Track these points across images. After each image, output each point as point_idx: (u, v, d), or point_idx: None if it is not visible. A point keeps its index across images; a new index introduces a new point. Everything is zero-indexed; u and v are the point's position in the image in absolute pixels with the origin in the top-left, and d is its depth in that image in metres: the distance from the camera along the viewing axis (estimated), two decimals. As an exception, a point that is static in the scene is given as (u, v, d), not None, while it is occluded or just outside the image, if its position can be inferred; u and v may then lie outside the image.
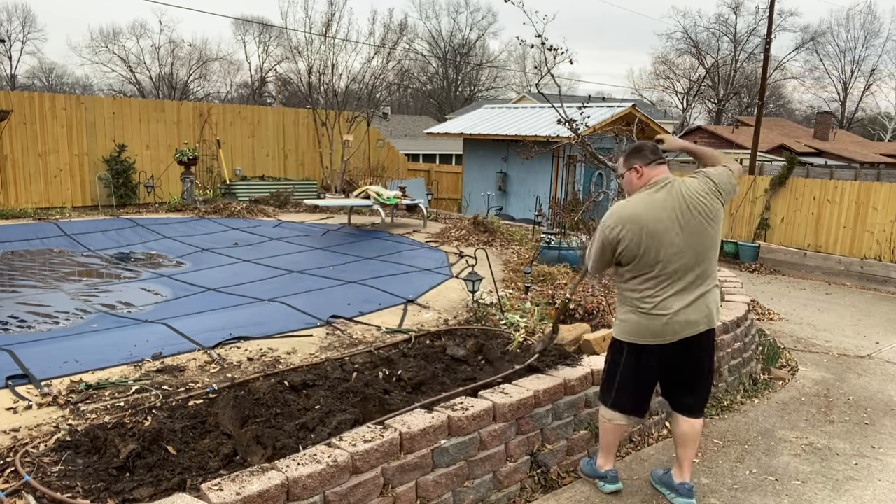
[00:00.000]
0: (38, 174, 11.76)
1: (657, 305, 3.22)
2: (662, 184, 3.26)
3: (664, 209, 3.19)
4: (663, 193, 3.23)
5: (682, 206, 3.21)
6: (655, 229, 3.17)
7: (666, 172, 3.33)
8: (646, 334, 3.28)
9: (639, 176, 3.33)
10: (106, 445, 3.01)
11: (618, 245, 3.24)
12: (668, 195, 3.23)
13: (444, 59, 57.46)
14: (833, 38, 59.26)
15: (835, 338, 7.44)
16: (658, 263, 3.19)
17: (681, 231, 3.17)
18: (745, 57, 48.17)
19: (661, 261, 3.19)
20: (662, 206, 3.20)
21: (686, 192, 3.24)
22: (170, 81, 52.01)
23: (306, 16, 20.78)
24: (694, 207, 3.21)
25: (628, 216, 3.23)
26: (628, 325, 3.34)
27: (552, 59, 7.35)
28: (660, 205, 3.21)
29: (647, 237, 3.17)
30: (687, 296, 3.22)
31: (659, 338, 3.26)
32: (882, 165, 27.74)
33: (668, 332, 3.24)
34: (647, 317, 3.26)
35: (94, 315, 5.75)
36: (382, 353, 4.52)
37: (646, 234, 3.17)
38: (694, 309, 3.23)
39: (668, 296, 3.21)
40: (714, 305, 3.32)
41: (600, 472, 3.62)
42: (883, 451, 4.41)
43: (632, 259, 3.24)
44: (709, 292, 3.30)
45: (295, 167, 15.22)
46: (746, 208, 13.05)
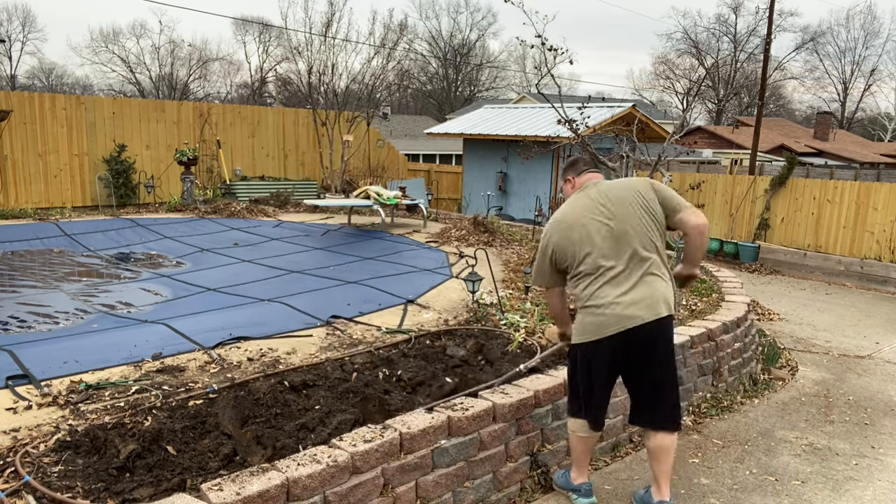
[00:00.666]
0: (38, 174, 11.77)
1: (593, 297, 3.19)
2: (585, 187, 3.39)
3: (585, 206, 3.29)
4: (585, 192, 3.36)
5: (602, 198, 3.27)
6: (577, 225, 3.25)
7: (593, 177, 3.44)
8: (590, 330, 3.22)
9: (571, 186, 3.49)
10: (106, 445, 3.01)
11: (551, 250, 3.34)
12: (587, 193, 3.34)
13: (444, 59, 57.46)
14: (833, 39, 59.37)
15: (835, 338, 7.44)
16: (586, 257, 3.21)
17: (603, 221, 3.21)
18: (745, 57, 48.20)
19: (589, 253, 3.21)
20: (584, 203, 3.30)
21: (608, 186, 3.34)
22: (170, 81, 52.01)
23: (306, 16, 20.82)
24: (615, 196, 3.27)
25: (555, 221, 3.37)
26: (578, 326, 3.30)
27: (552, 59, 7.36)
28: (581, 203, 3.32)
29: (572, 234, 3.25)
30: (622, 284, 3.15)
31: (602, 330, 3.16)
32: (882, 165, 27.74)
33: (610, 323, 3.13)
34: (588, 312, 3.22)
35: (94, 315, 5.76)
36: (382, 353, 4.52)
37: (570, 231, 3.26)
38: (633, 296, 3.13)
39: (602, 285, 3.18)
40: (660, 294, 3.17)
41: (573, 485, 3.53)
42: (883, 451, 4.41)
43: (563, 260, 3.30)
44: (648, 279, 3.17)
45: (295, 167, 15.22)
46: (746, 208, 13.05)
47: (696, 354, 4.90)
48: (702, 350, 4.96)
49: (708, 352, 5.03)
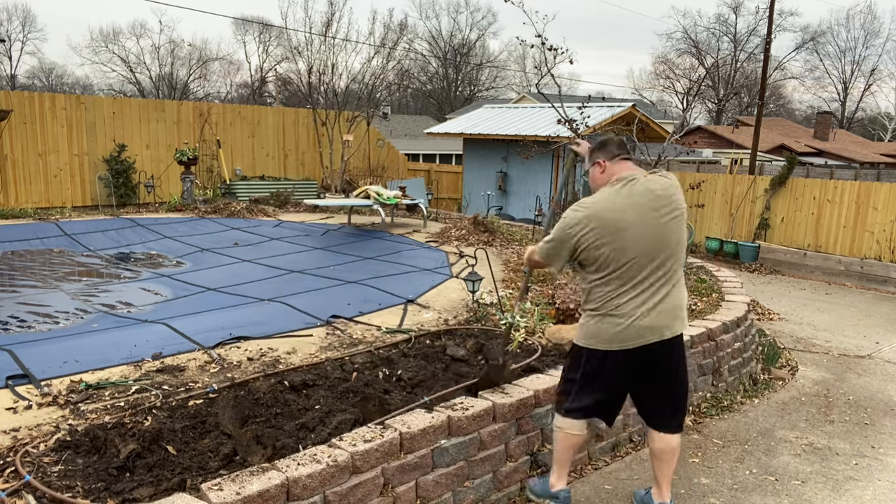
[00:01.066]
0: (38, 174, 11.77)
1: (619, 307, 3.03)
2: (627, 180, 3.10)
3: (627, 206, 3.02)
4: (627, 190, 3.07)
5: (646, 203, 3.04)
6: (617, 227, 3.00)
7: (631, 169, 3.16)
8: (607, 339, 3.06)
9: (601, 171, 3.19)
10: (106, 445, 3.01)
11: (578, 244, 3.06)
12: (632, 192, 3.06)
13: (444, 59, 57.47)
14: (833, 38, 59.31)
15: (835, 338, 7.45)
16: (620, 263, 3.01)
17: (645, 229, 3.00)
18: (745, 57, 48.21)
19: (624, 260, 3.00)
20: (626, 203, 3.03)
21: (651, 188, 3.08)
22: (170, 81, 52.01)
23: (306, 16, 20.83)
24: (659, 203, 3.05)
25: (591, 214, 3.05)
26: (588, 328, 3.15)
27: (552, 59, 7.36)
28: (623, 202, 3.04)
29: (609, 236, 3.00)
30: (651, 298, 3.02)
31: (621, 343, 3.04)
32: (882, 165, 27.74)
33: (631, 336, 3.02)
34: (608, 320, 3.06)
35: (94, 315, 5.76)
36: (382, 353, 4.52)
37: (608, 232, 3.00)
38: (659, 312, 3.03)
39: (631, 297, 3.02)
40: (681, 308, 3.14)
41: (551, 492, 3.34)
42: (883, 451, 4.41)
43: (593, 259, 3.06)
44: (674, 293, 3.10)
45: (295, 167, 15.22)
46: (746, 208, 13.05)
47: (697, 354, 4.90)
48: (702, 350, 4.96)
49: (708, 352, 5.04)
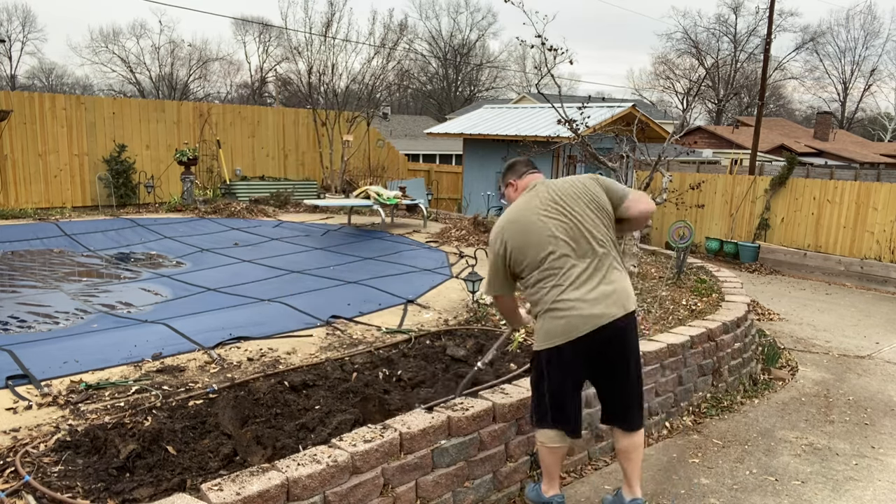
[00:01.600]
0: (38, 174, 11.77)
1: (556, 301, 3.06)
2: (533, 185, 3.27)
3: (537, 206, 3.16)
4: (534, 192, 3.23)
5: (553, 196, 3.16)
6: (532, 225, 3.11)
7: (536, 178, 3.32)
8: (555, 334, 3.07)
9: (514, 189, 3.36)
10: (106, 445, 3.01)
11: (505, 254, 3.17)
12: (536, 192, 3.22)
13: (444, 59, 57.46)
14: (833, 39, 59.35)
15: (835, 338, 7.44)
16: (547, 258, 3.08)
17: (559, 219, 3.10)
18: (745, 57, 48.20)
19: (550, 254, 3.07)
20: (531, 202, 3.18)
21: (556, 184, 3.22)
22: (170, 81, 52.00)
23: (306, 16, 20.83)
24: (566, 194, 3.16)
25: (504, 223, 3.21)
26: (541, 331, 3.15)
27: (552, 59, 7.36)
28: (528, 203, 3.19)
29: (529, 236, 3.11)
30: (587, 283, 3.05)
31: (569, 334, 3.04)
32: (882, 165, 27.74)
33: (575, 325, 3.02)
34: (551, 316, 3.08)
35: (94, 315, 5.75)
36: (382, 353, 4.52)
37: (526, 233, 3.11)
38: (596, 297, 3.03)
39: (567, 286, 3.05)
40: (622, 291, 3.11)
41: (545, 498, 3.38)
42: (883, 452, 4.41)
43: (521, 263, 3.15)
44: (610, 275, 3.10)
45: (295, 167, 15.22)
46: (746, 208, 13.05)
47: (696, 354, 4.90)
48: (702, 350, 4.96)
49: (708, 352, 5.03)
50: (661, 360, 4.56)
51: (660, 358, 4.55)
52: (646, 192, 7.76)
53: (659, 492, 3.73)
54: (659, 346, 4.57)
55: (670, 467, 4.02)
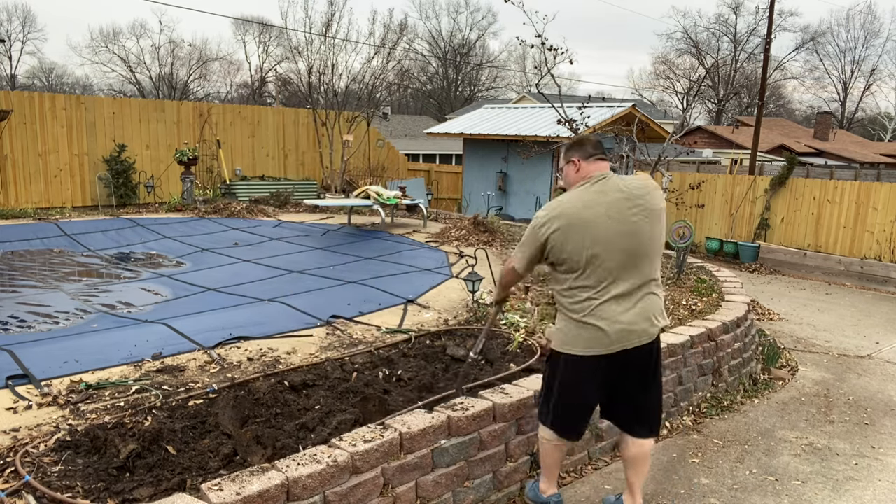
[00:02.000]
0: (38, 174, 11.77)
1: (593, 311, 2.90)
2: (598, 178, 3.01)
3: (599, 205, 2.92)
4: (598, 187, 2.97)
5: (619, 202, 2.93)
6: (588, 227, 2.88)
7: (605, 169, 3.06)
8: (584, 344, 2.94)
9: (576, 170, 3.08)
10: (106, 445, 3.01)
11: (546, 242, 2.96)
12: (603, 190, 2.96)
13: (444, 59, 57.46)
14: (833, 38, 59.36)
15: (835, 338, 7.45)
16: (592, 264, 2.89)
17: (618, 229, 2.89)
18: (745, 57, 48.20)
19: (596, 261, 2.88)
20: (597, 201, 2.93)
21: (624, 187, 2.97)
22: (170, 81, 52.00)
23: (306, 16, 20.84)
24: (633, 203, 2.94)
25: (560, 212, 2.95)
26: (564, 334, 3.01)
27: (552, 59, 7.37)
28: (594, 200, 2.93)
29: (580, 235, 2.88)
30: (626, 301, 2.92)
31: (598, 347, 2.92)
32: (882, 165, 27.74)
33: (608, 340, 2.91)
34: (583, 324, 2.93)
35: (94, 315, 5.75)
36: (382, 353, 4.52)
37: (578, 231, 2.89)
38: (635, 315, 2.93)
39: (606, 300, 2.90)
40: (658, 312, 3.04)
41: (543, 498, 3.33)
42: (883, 451, 4.41)
43: (563, 259, 2.94)
44: (651, 297, 3.02)
45: (295, 167, 15.22)
46: (746, 208, 13.05)
47: (696, 354, 4.90)
48: (702, 350, 4.96)
49: (708, 352, 5.04)
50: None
51: (660, 358, 4.54)
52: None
53: (659, 492, 3.73)
54: (659, 346, 4.57)
55: (670, 467, 4.03)
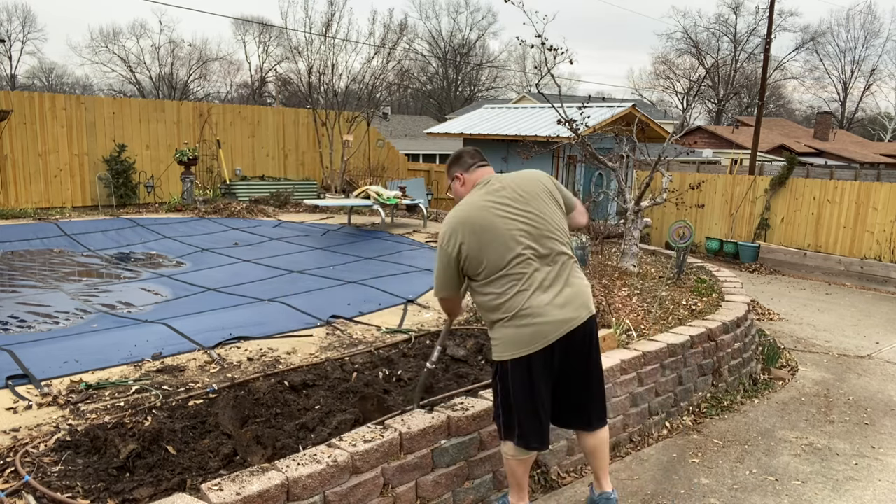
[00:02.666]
0: (38, 174, 11.77)
1: (523, 307, 2.84)
2: (485, 181, 3.04)
3: (494, 203, 2.92)
4: (488, 188, 2.99)
5: (512, 194, 2.95)
6: (491, 225, 2.87)
7: (488, 172, 3.11)
8: (523, 343, 2.85)
9: (461, 183, 3.14)
10: (106, 445, 3.01)
11: (459, 256, 2.91)
12: (494, 188, 2.98)
13: (444, 59, 57.44)
14: (833, 39, 59.34)
15: (835, 338, 7.44)
16: (506, 262, 2.85)
17: (522, 219, 2.89)
18: (745, 57, 48.20)
19: (509, 258, 2.85)
20: (492, 201, 2.94)
21: (514, 180, 3.02)
22: (170, 81, 51.99)
23: (306, 16, 20.84)
24: (527, 191, 2.97)
25: (460, 221, 2.93)
26: (504, 340, 2.91)
27: (552, 59, 7.36)
28: (488, 200, 2.94)
29: (486, 236, 2.87)
30: (553, 286, 2.87)
31: (540, 340, 2.84)
32: (882, 165, 27.74)
33: (545, 332, 2.84)
34: (516, 325, 2.85)
35: (94, 315, 5.75)
36: (382, 353, 4.52)
37: (483, 234, 2.87)
38: (564, 300, 2.87)
39: (530, 293, 2.84)
40: (584, 292, 2.97)
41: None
42: (883, 451, 4.41)
43: (479, 265, 2.89)
44: (572, 278, 2.95)
45: (295, 167, 15.22)
46: (746, 208, 13.05)
47: (696, 354, 4.90)
48: (702, 350, 4.96)
49: (708, 352, 5.04)
50: (661, 359, 4.56)
51: (660, 358, 4.55)
52: (646, 191, 7.79)
53: (659, 492, 3.73)
54: (659, 346, 4.57)
55: (670, 467, 4.03)
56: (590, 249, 7.46)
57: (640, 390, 4.38)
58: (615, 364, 4.19)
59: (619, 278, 6.61)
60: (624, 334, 4.81)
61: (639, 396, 4.38)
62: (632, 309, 5.59)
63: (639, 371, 4.37)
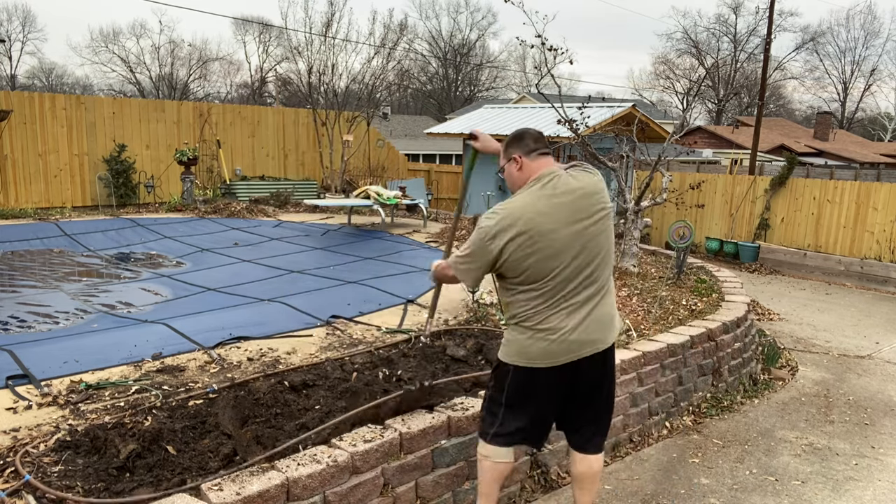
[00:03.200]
0: (38, 174, 11.77)
1: (547, 320, 2.69)
2: (547, 178, 2.73)
3: (551, 208, 2.66)
4: (549, 190, 2.70)
5: (570, 203, 2.68)
6: (544, 234, 2.63)
7: (551, 164, 2.80)
8: (536, 355, 2.72)
9: (518, 168, 2.80)
10: (106, 445, 3.01)
11: (500, 255, 2.67)
12: (555, 193, 2.69)
13: (444, 59, 57.44)
14: (833, 39, 59.31)
15: (835, 338, 7.44)
16: (550, 274, 2.66)
17: (573, 233, 2.66)
18: (745, 57, 48.20)
19: (555, 271, 2.66)
20: (549, 205, 2.67)
21: (574, 186, 2.72)
22: (170, 81, 51.98)
23: (306, 16, 20.84)
24: (588, 204, 2.71)
25: (513, 219, 2.66)
26: (516, 345, 2.77)
27: (552, 59, 7.37)
28: (548, 204, 2.67)
29: (536, 244, 2.64)
30: (581, 309, 2.71)
31: (551, 359, 2.71)
32: (882, 165, 27.74)
33: (562, 351, 2.70)
34: (538, 335, 2.71)
35: (94, 315, 5.75)
36: (382, 353, 4.52)
37: (534, 240, 2.64)
38: (591, 323, 2.72)
39: (560, 309, 2.69)
40: (612, 318, 2.84)
41: None
42: (883, 452, 4.41)
43: (520, 271, 2.68)
44: (605, 302, 2.79)
45: (295, 167, 15.22)
46: (746, 208, 13.05)
47: (696, 354, 4.90)
48: (702, 350, 4.96)
49: (708, 352, 5.04)
50: (661, 360, 4.56)
51: (660, 358, 4.55)
52: (646, 191, 7.79)
53: (659, 492, 3.73)
54: (659, 346, 4.57)
55: (670, 467, 4.03)
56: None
57: (640, 390, 4.38)
58: (615, 364, 4.18)
59: (619, 278, 6.61)
60: (624, 334, 4.81)
61: (639, 396, 4.38)
62: (632, 309, 5.60)
63: (639, 371, 4.38)
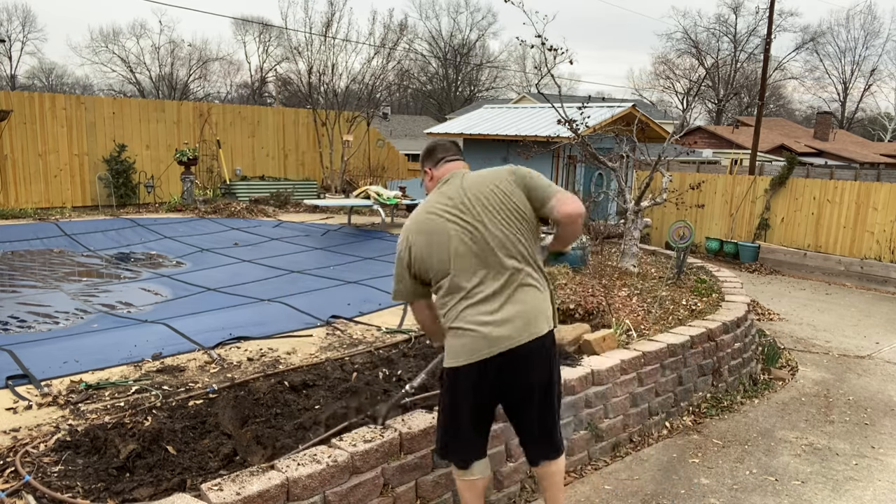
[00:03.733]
0: (38, 174, 11.77)
1: (458, 318, 2.67)
2: (448, 178, 2.82)
3: (444, 207, 2.73)
4: (446, 188, 2.79)
5: (460, 199, 2.72)
6: (436, 231, 2.70)
7: (455, 168, 2.86)
8: (457, 353, 2.68)
9: (430, 178, 2.91)
10: (106, 445, 3.01)
11: (409, 259, 2.76)
12: (449, 190, 2.77)
13: (444, 59, 57.43)
14: (833, 39, 59.25)
15: (835, 338, 7.44)
16: (449, 268, 2.68)
17: (462, 229, 2.67)
18: (745, 57, 48.19)
19: (452, 264, 2.67)
20: (442, 204, 2.74)
21: (468, 181, 2.77)
22: (170, 81, 51.97)
23: (306, 16, 20.84)
24: (474, 195, 2.72)
25: (413, 224, 2.78)
26: (447, 348, 2.76)
27: (552, 59, 7.37)
28: (440, 204, 2.75)
29: (431, 243, 2.70)
30: (490, 302, 2.64)
31: (470, 355, 2.64)
32: (882, 165, 27.74)
33: (475, 347, 2.63)
34: (452, 334, 2.70)
35: (94, 315, 5.75)
36: (382, 353, 4.52)
37: (429, 239, 2.70)
38: (505, 315, 2.63)
39: (467, 305, 2.66)
40: (536, 309, 2.70)
41: None
42: (883, 452, 4.41)
43: (427, 271, 2.73)
44: (519, 293, 2.68)
45: (295, 167, 15.22)
46: (746, 208, 13.04)
47: (696, 354, 4.90)
48: (702, 350, 4.96)
49: (708, 352, 5.04)
50: (661, 360, 4.56)
51: (660, 358, 4.55)
52: (646, 191, 7.79)
53: (659, 492, 3.73)
54: (659, 346, 4.57)
55: (670, 467, 4.03)
56: (590, 249, 7.46)
57: (640, 390, 4.38)
58: (615, 364, 4.19)
59: (619, 278, 6.61)
60: (624, 334, 4.81)
61: (639, 396, 4.38)
62: (632, 309, 5.59)
63: (639, 371, 4.38)
